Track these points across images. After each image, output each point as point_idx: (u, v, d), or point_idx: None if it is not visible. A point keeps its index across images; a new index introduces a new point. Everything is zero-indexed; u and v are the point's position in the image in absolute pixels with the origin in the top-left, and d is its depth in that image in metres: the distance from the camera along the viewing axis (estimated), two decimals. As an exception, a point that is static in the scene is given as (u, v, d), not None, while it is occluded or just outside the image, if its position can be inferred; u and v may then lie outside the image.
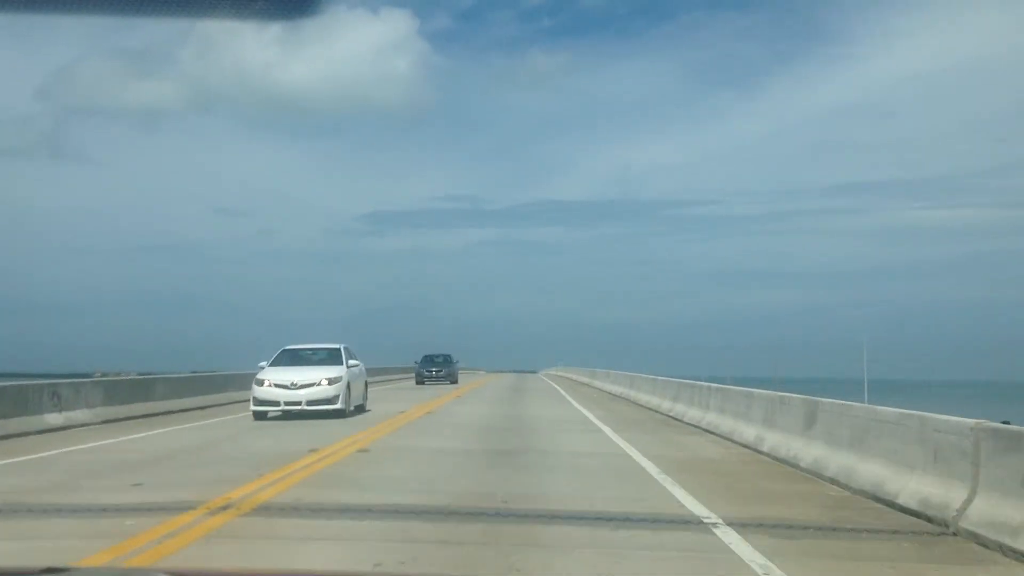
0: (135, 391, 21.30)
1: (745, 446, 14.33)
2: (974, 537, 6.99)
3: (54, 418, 17.27)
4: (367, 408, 22.87)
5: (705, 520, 8.16)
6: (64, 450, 13.90)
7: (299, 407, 20.02)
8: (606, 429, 18.31)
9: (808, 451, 11.58)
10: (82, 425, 17.84)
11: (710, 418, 17.80)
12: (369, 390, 24.45)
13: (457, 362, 48.11)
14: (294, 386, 20.25)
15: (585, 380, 49.57)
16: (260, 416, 20.11)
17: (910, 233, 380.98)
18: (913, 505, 8.11)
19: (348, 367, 21.64)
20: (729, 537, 7.38)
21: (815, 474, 10.90)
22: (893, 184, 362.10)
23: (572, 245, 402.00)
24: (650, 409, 24.62)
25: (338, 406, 20.21)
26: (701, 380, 29.44)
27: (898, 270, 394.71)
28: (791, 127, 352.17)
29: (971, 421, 7.70)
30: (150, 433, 16.89)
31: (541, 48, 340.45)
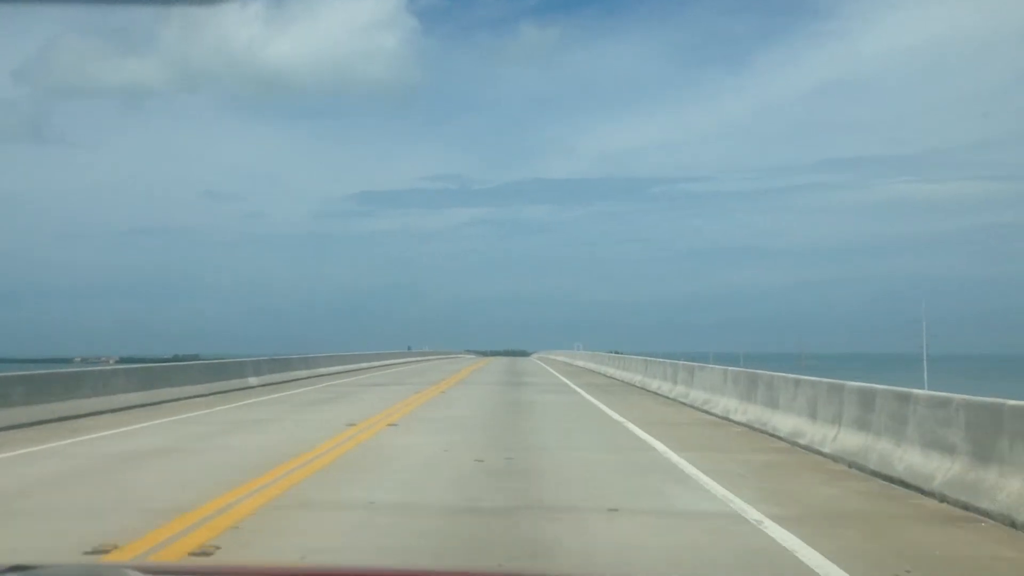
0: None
1: None
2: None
3: None
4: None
5: None
6: None
7: None
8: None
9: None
10: None
11: None
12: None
13: None
14: None
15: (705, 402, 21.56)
16: None
17: (898, 207, 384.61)
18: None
19: None
20: None
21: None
22: (881, 159, 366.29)
23: (562, 223, 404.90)
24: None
25: None
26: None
27: (888, 245, 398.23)
28: (779, 103, 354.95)
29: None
30: None
31: (530, 23, 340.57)
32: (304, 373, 34.28)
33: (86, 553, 6.48)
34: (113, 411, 18.41)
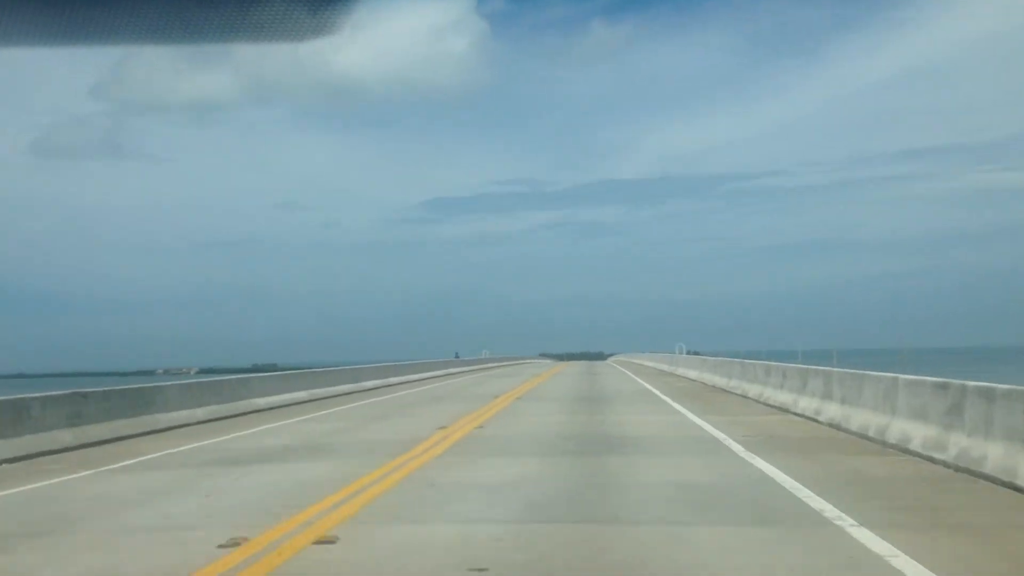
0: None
1: None
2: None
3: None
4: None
5: None
6: None
7: None
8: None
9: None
10: None
11: None
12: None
13: None
14: None
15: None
16: None
17: (979, 197, 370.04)
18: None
19: None
20: None
21: None
22: (960, 148, 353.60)
23: (635, 224, 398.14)
24: None
25: None
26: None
27: (969, 235, 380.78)
28: (855, 94, 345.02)
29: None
30: None
31: (600, 22, 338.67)
32: (222, 409, 20.62)
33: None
34: None
